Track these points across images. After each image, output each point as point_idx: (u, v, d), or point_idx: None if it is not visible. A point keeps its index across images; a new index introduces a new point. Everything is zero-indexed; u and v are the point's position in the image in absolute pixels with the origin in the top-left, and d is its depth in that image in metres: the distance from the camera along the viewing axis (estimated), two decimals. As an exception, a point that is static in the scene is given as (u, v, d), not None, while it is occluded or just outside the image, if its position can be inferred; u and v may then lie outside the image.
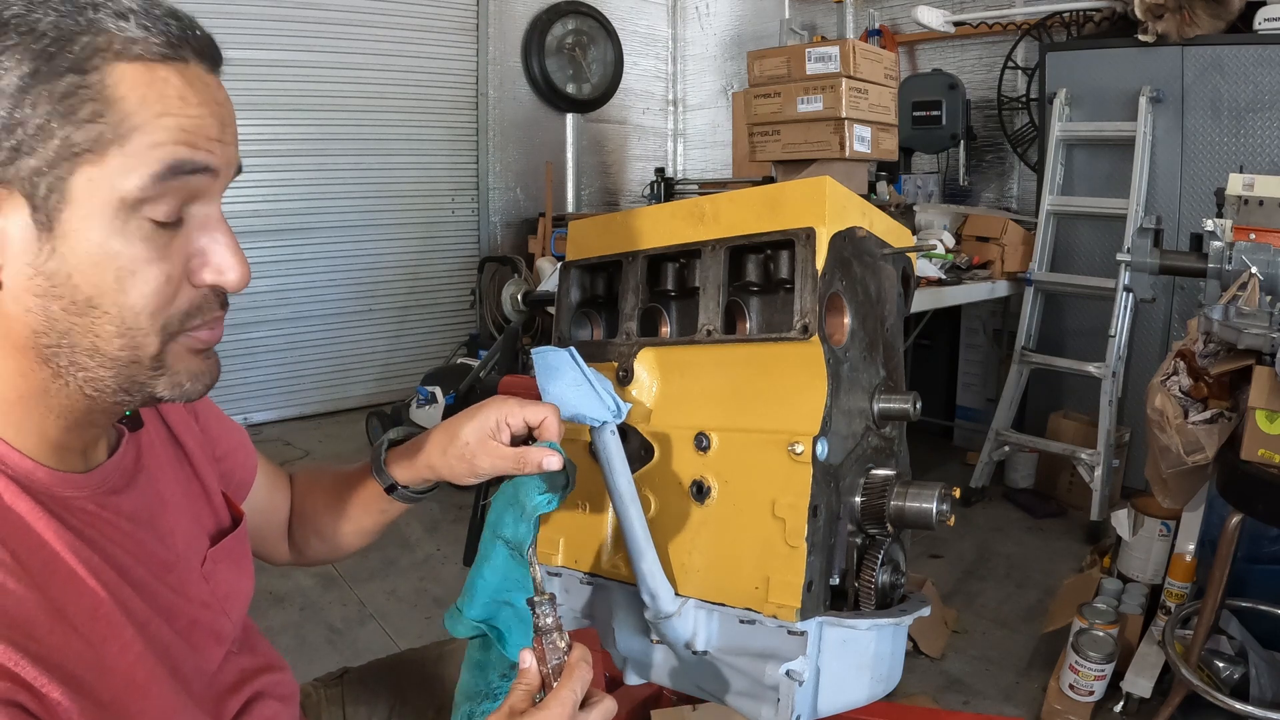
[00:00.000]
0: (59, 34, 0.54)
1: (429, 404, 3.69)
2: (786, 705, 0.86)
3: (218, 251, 0.61)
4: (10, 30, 0.53)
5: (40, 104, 0.53)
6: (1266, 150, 2.94)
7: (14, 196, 0.55)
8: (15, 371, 0.59)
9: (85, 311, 0.57)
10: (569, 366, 0.89)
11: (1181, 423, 1.76)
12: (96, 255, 0.56)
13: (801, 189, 0.91)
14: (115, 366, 0.59)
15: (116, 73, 0.55)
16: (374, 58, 4.51)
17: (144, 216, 0.57)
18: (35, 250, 0.55)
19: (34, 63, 0.53)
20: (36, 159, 0.54)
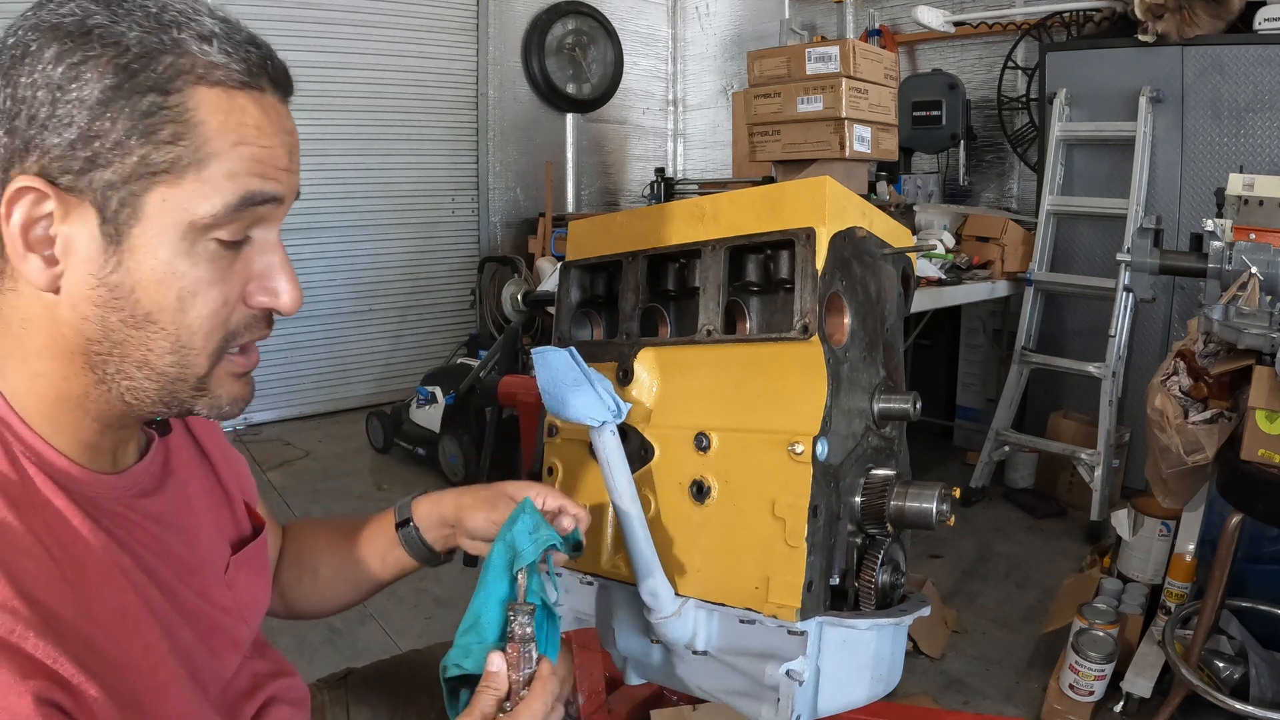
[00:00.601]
0: (143, 50, 0.54)
1: (429, 404, 3.69)
2: (786, 705, 0.86)
3: (274, 275, 0.62)
4: (94, 40, 0.53)
5: (120, 119, 0.54)
6: (1266, 150, 2.94)
7: (84, 206, 0.55)
8: (59, 374, 0.59)
9: (142, 325, 0.58)
10: (569, 366, 0.89)
11: (1181, 423, 1.76)
12: (162, 273, 0.57)
13: (801, 189, 0.91)
14: (162, 381, 0.60)
15: (197, 97, 0.56)
16: (374, 58, 4.51)
17: (211, 238, 0.58)
18: (100, 261, 0.56)
19: (117, 76, 0.54)
20: (112, 173, 0.54)
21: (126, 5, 0.55)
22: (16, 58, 0.54)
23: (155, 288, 0.57)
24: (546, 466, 1.08)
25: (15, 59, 0.54)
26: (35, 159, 0.54)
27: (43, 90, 0.53)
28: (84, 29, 0.54)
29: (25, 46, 0.54)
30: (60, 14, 0.54)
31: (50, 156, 0.54)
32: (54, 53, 0.53)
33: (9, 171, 0.55)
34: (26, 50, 0.54)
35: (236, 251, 0.60)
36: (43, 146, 0.54)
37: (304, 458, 3.97)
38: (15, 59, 0.54)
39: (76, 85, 0.53)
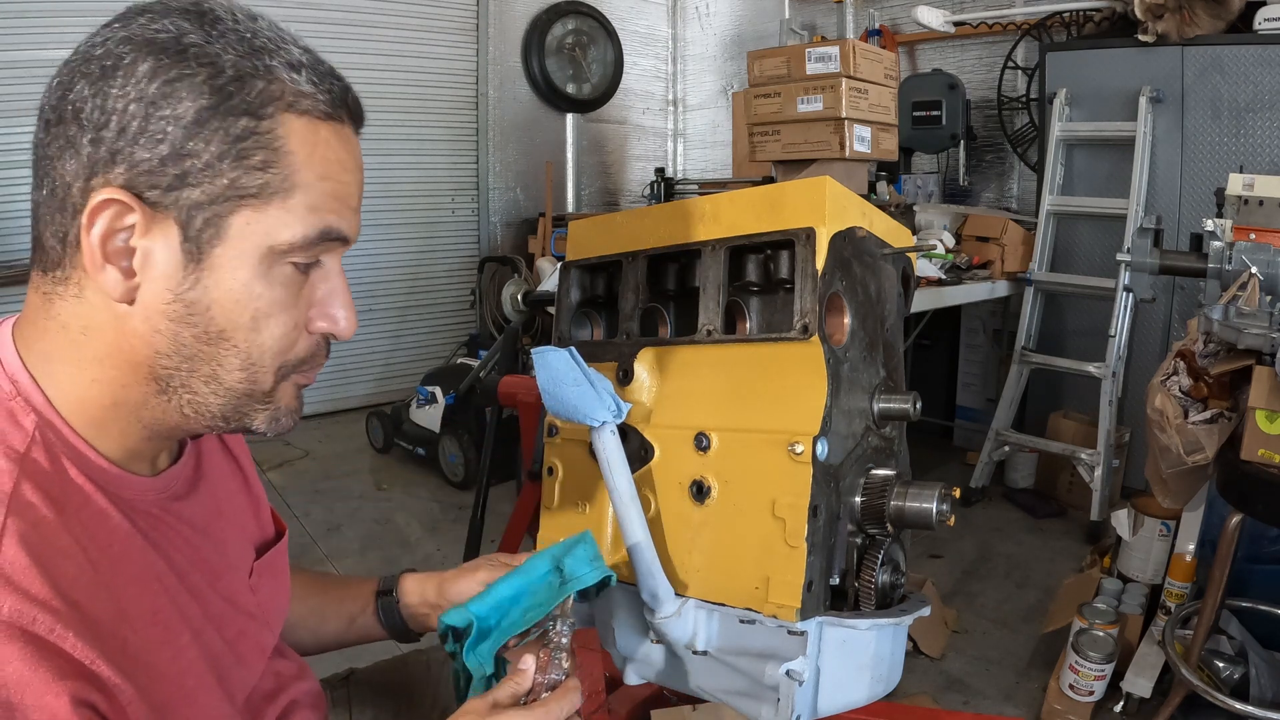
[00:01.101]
0: (237, 73, 0.55)
1: (429, 404, 3.69)
2: (786, 705, 0.86)
3: (334, 302, 0.63)
4: (190, 59, 0.54)
5: (214, 141, 0.54)
6: (1266, 150, 2.94)
7: (167, 222, 0.55)
8: (117, 382, 0.59)
9: (215, 342, 0.59)
10: (569, 366, 0.89)
11: (1181, 423, 1.76)
12: (239, 294, 0.58)
13: (801, 189, 0.91)
14: (228, 396, 0.61)
15: (288, 125, 0.57)
16: (374, 58, 4.51)
17: (287, 261, 0.59)
18: (179, 277, 0.56)
19: (212, 97, 0.54)
20: (200, 193, 0.55)
21: (220, 28, 0.56)
22: (108, 69, 0.54)
23: (232, 306, 0.58)
24: (546, 466, 1.08)
25: (106, 70, 0.54)
26: (122, 171, 0.54)
27: (135, 104, 0.53)
28: (180, 46, 0.54)
29: (117, 59, 0.54)
30: (154, 30, 0.55)
31: (138, 170, 0.54)
32: (149, 68, 0.54)
33: (90, 180, 0.55)
34: (119, 63, 0.54)
35: (306, 276, 0.61)
36: (131, 159, 0.54)
37: (304, 457, 3.97)
38: (106, 70, 0.54)
39: (171, 102, 0.54)
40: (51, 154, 0.56)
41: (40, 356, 0.59)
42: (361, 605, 0.96)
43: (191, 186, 0.55)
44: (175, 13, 0.56)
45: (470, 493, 3.12)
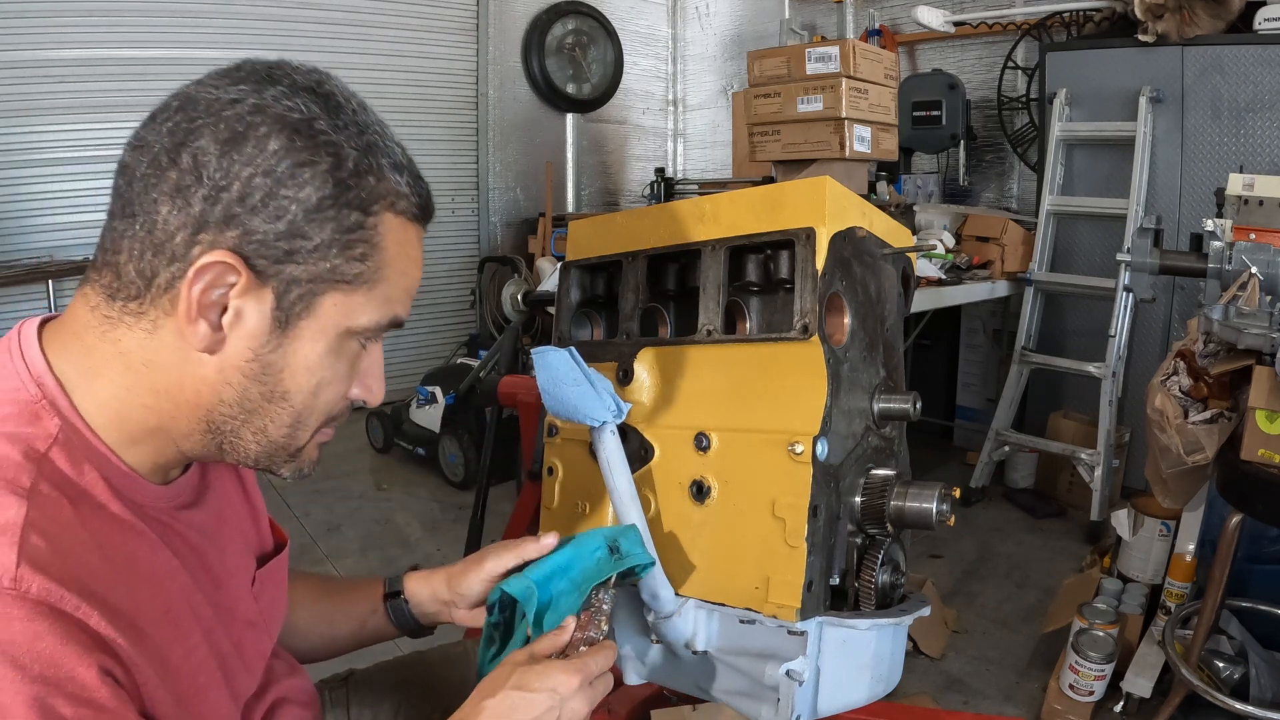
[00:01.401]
0: (356, 168, 0.59)
1: (429, 404, 3.69)
2: (786, 705, 0.86)
3: (373, 375, 0.68)
4: (319, 146, 0.58)
5: (326, 227, 0.59)
6: (1266, 150, 2.94)
7: (265, 290, 0.59)
8: (167, 414, 0.62)
9: (276, 400, 0.63)
10: (569, 366, 0.89)
11: (1181, 423, 1.76)
12: (312, 363, 0.62)
13: (801, 189, 0.91)
14: (269, 447, 0.65)
15: (386, 223, 0.62)
16: (374, 58, 4.51)
17: (356, 339, 0.64)
18: (263, 340, 0.60)
19: (334, 188, 0.58)
20: (303, 271, 0.59)
21: (342, 117, 0.60)
22: (239, 135, 0.57)
23: (302, 373, 0.62)
24: (546, 466, 1.08)
25: (237, 135, 0.57)
26: (235, 235, 0.57)
27: (262, 177, 0.57)
28: (310, 131, 0.58)
29: (249, 126, 0.57)
30: (286, 106, 0.58)
31: (252, 238, 0.57)
32: (279, 146, 0.57)
33: (198, 234, 0.57)
34: (250, 131, 0.57)
35: (363, 351, 0.66)
36: (247, 227, 0.57)
37: (304, 458, 3.97)
38: (237, 135, 0.57)
39: (296, 185, 0.57)
40: (154, 194, 0.57)
41: (82, 370, 0.61)
42: (370, 607, 0.96)
43: (297, 264, 0.59)
44: (304, 91, 0.59)
45: (470, 493, 3.12)
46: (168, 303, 0.59)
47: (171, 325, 0.59)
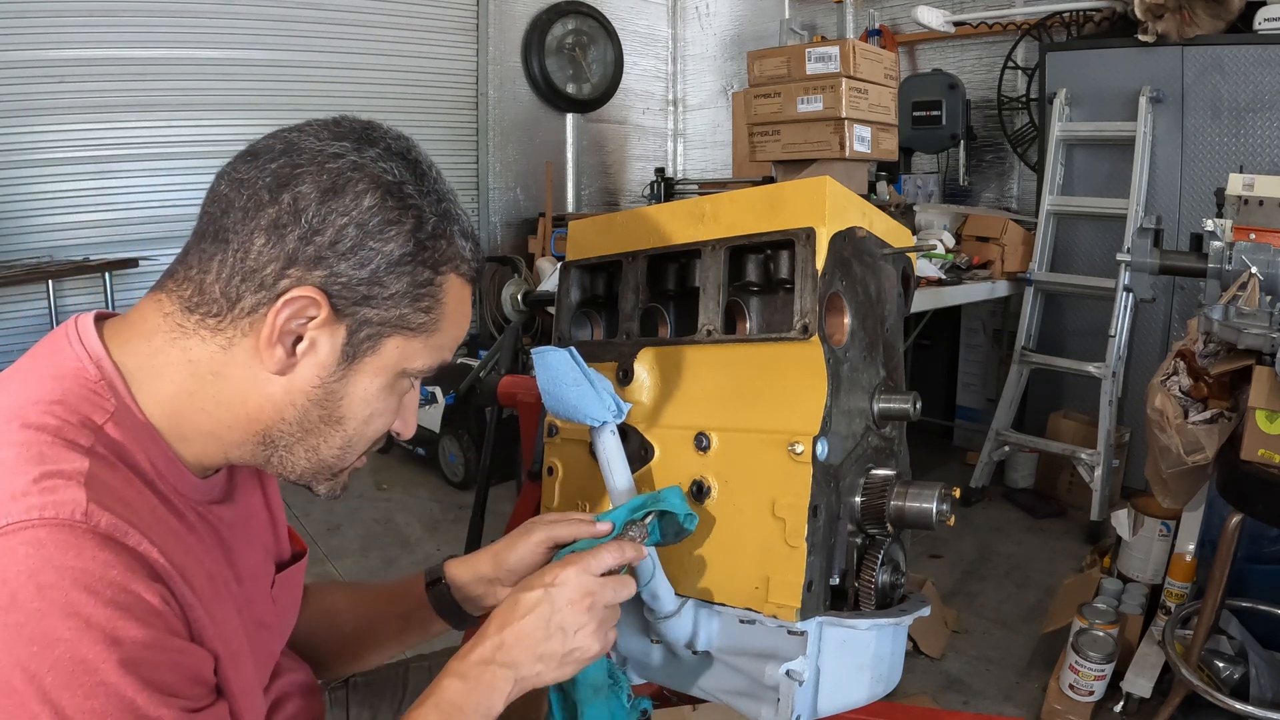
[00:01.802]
0: (432, 232, 0.67)
1: (429, 404, 3.69)
2: (786, 705, 0.86)
3: (409, 410, 0.76)
4: (407, 208, 0.65)
5: (401, 280, 0.66)
6: (1266, 150, 2.94)
7: (340, 326, 0.66)
8: (225, 423, 0.67)
9: (332, 424, 0.69)
10: (569, 366, 0.89)
11: (1181, 423, 1.76)
12: (369, 395, 0.69)
13: (801, 189, 0.91)
14: (318, 465, 0.72)
15: (450, 282, 0.70)
16: (374, 58, 4.51)
17: (406, 379, 0.71)
18: (331, 369, 0.67)
19: (414, 248, 0.66)
20: (375, 314, 0.66)
21: (425, 183, 0.68)
22: (339, 186, 0.64)
23: (359, 403, 0.69)
24: (546, 466, 1.08)
25: (338, 186, 0.64)
26: (321, 275, 0.64)
27: (354, 228, 0.64)
28: (401, 193, 0.65)
29: (348, 181, 0.64)
30: (381, 168, 0.65)
31: (337, 280, 0.64)
32: (372, 203, 0.64)
33: (288, 269, 0.63)
34: (349, 185, 0.64)
35: (408, 390, 0.74)
36: (335, 270, 0.64)
37: (304, 458, 3.97)
38: (338, 186, 0.64)
39: (381, 240, 0.64)
40: (251, 226, 0.63)
41: (145, 368, 0.66)
42: (413, 602, 0.96)
43: (372, 308, 0.66)
44: (397, 157, 0.67)
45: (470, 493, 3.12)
46: (247, 324, 0.64)
47: (247, 345, 0.65)
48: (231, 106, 4.06)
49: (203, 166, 4.03)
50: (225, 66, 4.07)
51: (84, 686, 0.53)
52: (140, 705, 0.55)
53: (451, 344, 0.73)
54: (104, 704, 0.53)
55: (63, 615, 0.53)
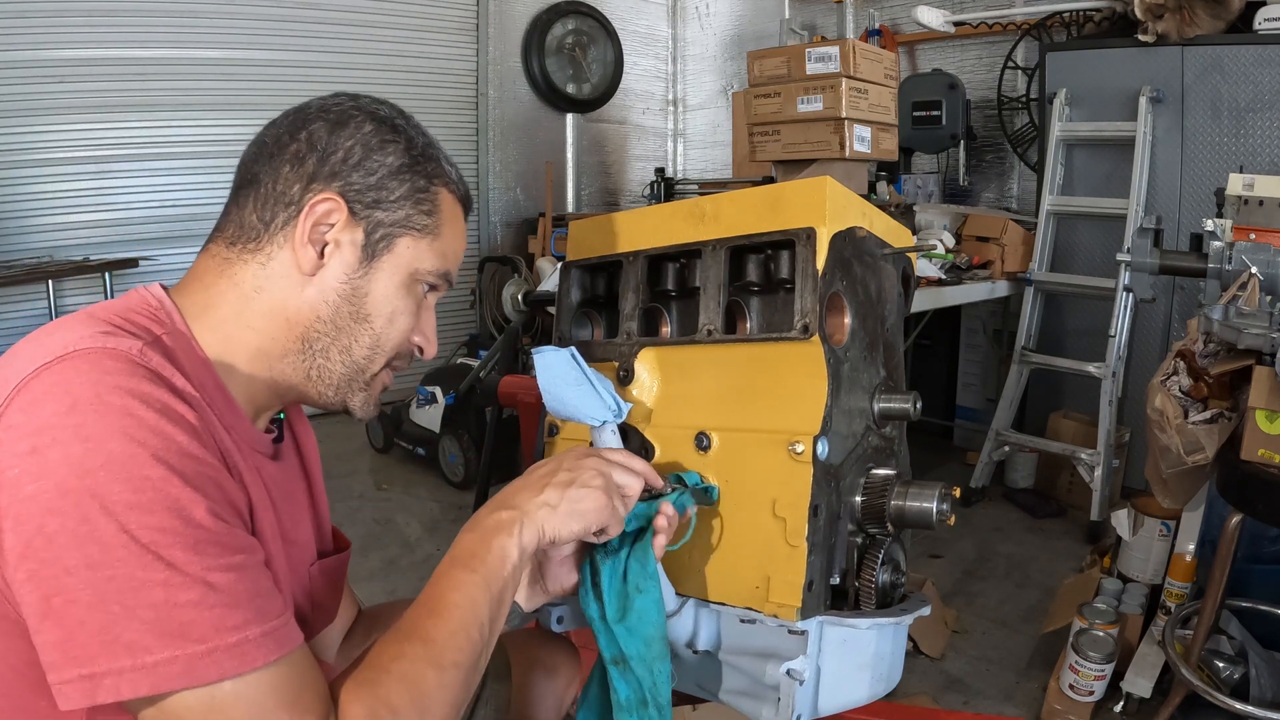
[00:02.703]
0: (423, 151, 0.80)
1: (429, 404, 3.69)
2: (787, 705, 0.86)
3: (429, 326, 0.84)
4: (398, 132, 0.79)
5: (404, 185, 0.78)
6: (1266, 150, 2.94)
7: (358, 228, 0.77)
8: (268, 334, 0.76)
9: (360, 321, 0.78)
10: (569, 366, 0.89)
11: (1181, 423, 1.76)
12: (389, 292, 0.79)
13: (801, 189, 0.91)
14: (350, 367, 0.79)
15: (444, 194, 0.81)
16: (374, 58, 4.52)
17: (420, 283, 0.81)
18: (354, 266, 0.77)
19: (409, 160, 0.78)
20: (385, 215, 0.77)
21: (410, 122, 0.81)
22: (343, 119, 0.77)
23: (381, 299, 0.78)
24: (547, 466, 1.08)
25: (342, 119, 0.77)
26: (339, 186, 0.76)
27: (359, 146, 0.77)
28: (392, 123, 0.79)
29: (350, 114, 0.78)
30: (375, 107, 0.80)
31: (351, 188, 0.76)
32: (371, 128, 0.78)
33: (311, 185, 0.75)
34: (350, 118, 0.78)
35: (423, 299, 0.82)
36: (347, 180, 0.76)
37: (304, 458, 3.97)
38: (342, 119, 0.77)
39: (382, 154, 0.77)
40: (276, 162, 0.76)
41: (200, 303, 0.75)
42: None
43: (382, 210, 0.77)
44: (384, 104, 0.81)
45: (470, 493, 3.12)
46: (281, 239, 0.75)
47: (283, 258, 0.75)
48: (231, 106, 4.06)
49: (203, 166, 4.03)
50: (225, 66, 4.08)
51: (132, 481, 0.58)
52: (183, 501, 0.60)
53: (453, 254, 0.83)
54: (149, 498, 0.58)
55: (117, 416, 0.59)
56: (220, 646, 0.59)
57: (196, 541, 0.60)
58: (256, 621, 0.61)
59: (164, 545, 0.58)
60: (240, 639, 0.60)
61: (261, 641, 0.61)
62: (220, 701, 0.59)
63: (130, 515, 0.58)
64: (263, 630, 0.61)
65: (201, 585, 0.59)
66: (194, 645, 0.58)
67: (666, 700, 0.84)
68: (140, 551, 0.57)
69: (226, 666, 0.59)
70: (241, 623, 0.60)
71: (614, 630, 0.84)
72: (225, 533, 0.62)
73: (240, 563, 0.63)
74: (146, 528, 0.58)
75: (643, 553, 0.85)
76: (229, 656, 0.59)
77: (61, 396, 0.59)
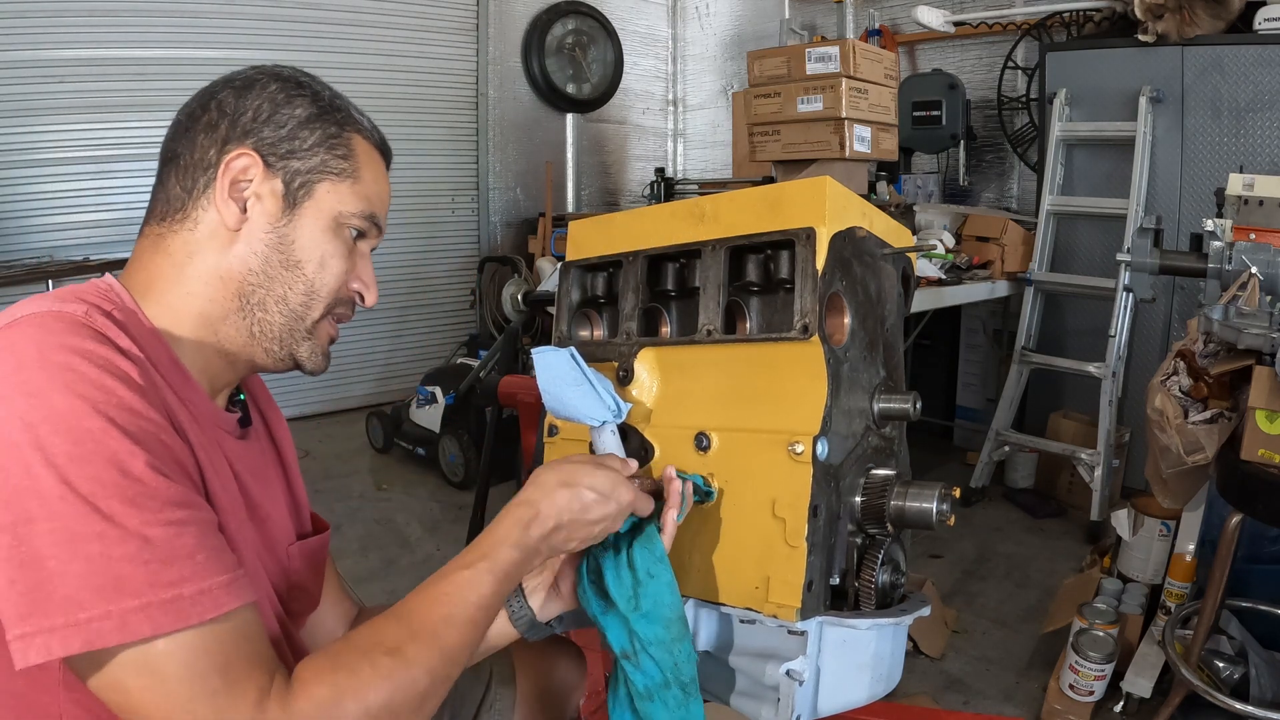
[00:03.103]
0: (330, 102, 0.82)
1: (429, 404, 3.69)
2: (786, 705, 0.86)
3: (366, 274, 0.85)
4: (304, 87, 0.81)
5: (315, 133, 0.80)
6: (1266, 150, 2.94)
7: (276, 179, 0.78)
8: (206, 296, 0.77)
9: (291, 268, 0.79)
10: (569, 366, 0.89)
11: (1181, 423, 1.76)
12: (315, 236, 0.80)
13: (801, 189, 0.91)
14: (288, 316, 0.80)
15: (357, 140, 0.83)
16: (374, 58, 4.51)
17: (347, 227, 0.82)
18: (278, 216, 0.78)
19: (317, 110, 0.81)
20: (300, 164, 0.79)
21: (318, 81, 0.84)
22: (248, 82, 0.80)
23: (309, 244, 0.80)
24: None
25: (247, 83, 0.80)
26: (252, 142, 0.78)
27: (266, 103, 0.79)
28: (296, 80, 0.82)
29: (254, 79, 0.80)
30: (277, 69, 0.82)
31: (264, 142, 0.78)
32: (277, 86, 0.80)
33: (226, 146, 0.77)
34: (255, 81, 0.80)
35: (354, 246, 0.83)
36: (259, 135, 0.78)
37: (304, 458, 3.97)
38: (247, 83, 0.80)
39: (290, 106, 0.80)
40: (190, 135, 0.78)
41: (142, 285, 0.77)
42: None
43: (297, 160, 0.79)
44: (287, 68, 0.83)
45: (470, 493, 3.12)
46: (205, 201, 0.77)
47: (209, 219, 0.77)
48: (231, 106, 4.06)
49: (203, 166, 4.03)
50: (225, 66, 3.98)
51: (73, 433, 0.59)
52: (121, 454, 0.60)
53: (377, 197, 0.84)
54: (89, 449, 0.59)
55: (59, 372, 0.61)
56: (154, 601, 0.58)
57: (135, 495, 0.60)
58: (194, 579, 0.60)
59: (101, 497, 0.58)
60: (175, 595, 0.59)
61: (197, 599, 0.60)
62: (154, 659, 0.59)
63: (70, 467, 0.58)
64: (200, 588, 0.61)
65: (138, 539, 0.59)
66: (128, 600, 0.58)
67: (691, 678, 0.84)
68: (78, 502, 0.58)
69: (160, 622, 0.58)
70: (178, 579, 0.60)
71: (630, 619, 0.83)
72: (165, 487, 0.62)
73: (181, 518, 0.62)
74: (85, 478, 0.58)
75: (648, 539, 0.85)
76: (163, 611, 0.58)
77: (8, 358, 0.61)
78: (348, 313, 0.86)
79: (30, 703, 0.65)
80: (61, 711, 0.65)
